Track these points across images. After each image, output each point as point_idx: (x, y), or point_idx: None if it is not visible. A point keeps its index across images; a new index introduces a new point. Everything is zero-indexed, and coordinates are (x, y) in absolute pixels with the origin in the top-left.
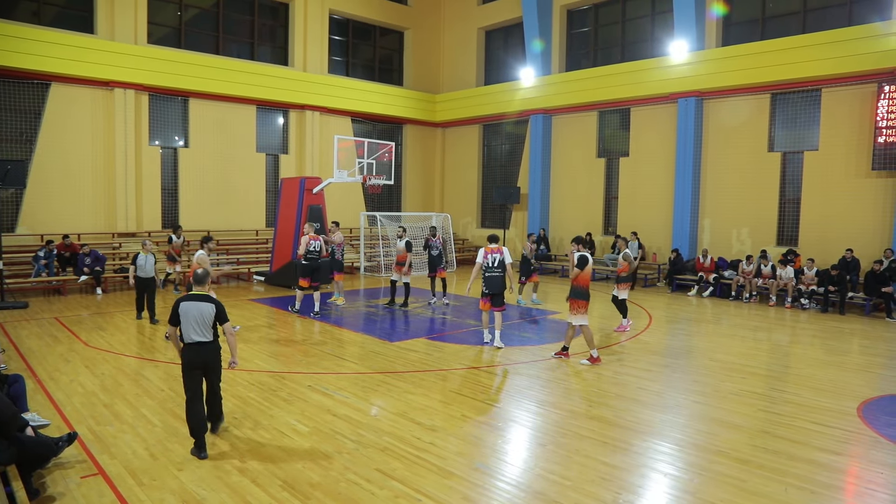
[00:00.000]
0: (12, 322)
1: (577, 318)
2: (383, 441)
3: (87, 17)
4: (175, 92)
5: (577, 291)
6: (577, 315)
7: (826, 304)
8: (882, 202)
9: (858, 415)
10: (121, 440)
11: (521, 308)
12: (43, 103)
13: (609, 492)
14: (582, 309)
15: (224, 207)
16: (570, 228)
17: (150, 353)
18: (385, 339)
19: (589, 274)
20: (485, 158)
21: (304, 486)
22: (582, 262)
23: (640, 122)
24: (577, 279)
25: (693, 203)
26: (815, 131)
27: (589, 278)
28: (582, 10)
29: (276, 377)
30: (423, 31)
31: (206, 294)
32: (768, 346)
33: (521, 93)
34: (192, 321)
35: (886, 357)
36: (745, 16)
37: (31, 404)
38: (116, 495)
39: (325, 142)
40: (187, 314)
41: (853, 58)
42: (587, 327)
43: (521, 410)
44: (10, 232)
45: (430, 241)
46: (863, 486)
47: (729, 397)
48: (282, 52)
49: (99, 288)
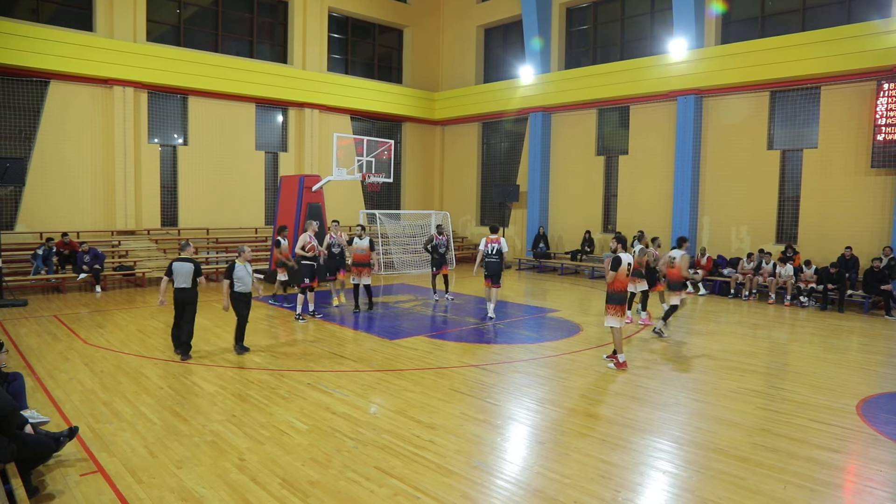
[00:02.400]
0: (11, 320)
1: (609, 320)
2: (382, 439)
3: (87, 15)
4: (174, 90)
5: (611, 296)
6: (609, 317)
7: (825, 302)
8: (881, 200)
9: (857, 412)
10: (120, 438)
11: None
12: (42, 101)
13: (608, 490)
14: (619, 312)
15: (223, 205)
16: (570, 226)
17: (150, 350)
18: (385, 337)
19: (624, 274)
20: (484, 156)
21: (303, 484)
22: (615, 263)
23: (640, 120)
24: (612, 283)
25: (692, 201)
26: (815, 129)
27: (626, 280)
28: (581, 8)
29: (275, 375)
30: (422, 29)
31: (190, 258)
32: (767, 343)
33: (520, 91)
34: (180, 275)
35: (885, 355)
36: (744, 13)
37: (31, 402)
38: (115, 493)
39: (324, 140)
40: (178, 270)
41: (852, 55)
42: (618, 330)
43: (521, 408)
44: (10, 230)
45: (436, 238)
46: (862, 483)
47: (728, 395)
48: (281, 50)
49: (98, 286)
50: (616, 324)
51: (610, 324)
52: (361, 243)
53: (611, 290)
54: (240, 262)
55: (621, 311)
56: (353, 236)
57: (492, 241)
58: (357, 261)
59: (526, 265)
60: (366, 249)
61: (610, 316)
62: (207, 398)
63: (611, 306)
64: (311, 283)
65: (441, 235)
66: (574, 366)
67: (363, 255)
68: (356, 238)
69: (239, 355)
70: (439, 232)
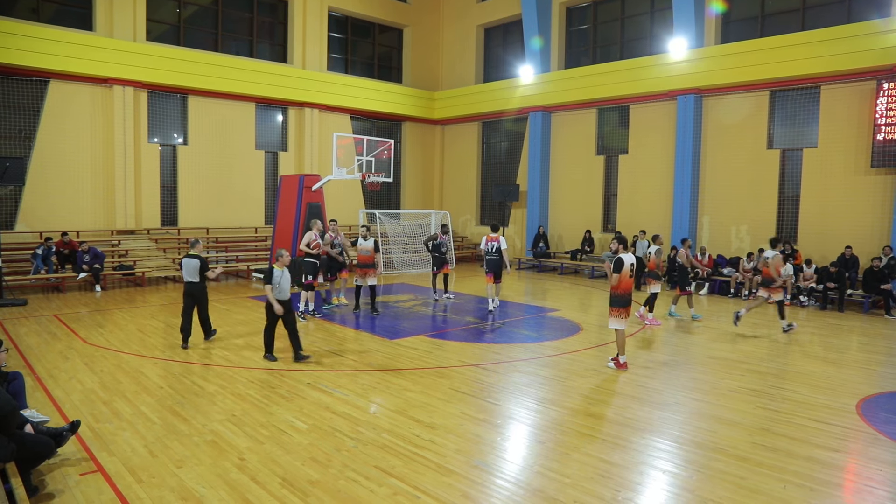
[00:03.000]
0: (11, 319)
1: (612, 322)
2: (382, 438)
3: (86, 14)
4: (174, 89)
5: (615, 299)
6: (613, 319)
7: (825, 302)
8: (881, 199)
9: (857, 412)
10: (120, 437)
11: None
12: (42, 100)
13: (608, 489)
14: (623, 314)
15: (223, 205)
16: (570, 226)
17: (149, 350)
18: (385, 336)
19: (626, 276)
20: (484, 156)
21: (303, 484)
22: (617, 265)
23: (640, 120)
24: (616, 286)
25: (692, 200)
26: (815, 128)
27: (630, 282)
28: (581, 8)
29: (275, 374)
30: (422, 29)
31: (197, 254)
32: (767, 343)
33: (520, 90)
34: (188, 270)
35: (885, 354)
36: (744, 13)
37: (31, 401)
38: (115, 492)
39: (324, 139)
40: (186, 265)
41: (852, 55)
42: (622, 332)
43: (520, 408)
44: (9, 229)
45: (440, 237)
46: (861, 482)
47: (728, 394)
48: (281, 50)
49: (98, 285)
50: (620, 325)
51: (614, 325)
52: (366, 244)
53: (614, 293)
54: (278, 268)
55: (625, 314)
56: (358, 237)
57: (492, 239)
58: (362, 262)
59: (526, 265)
60: (370, 251)
61: (614, 318)
62: (207, 397)
63: (615, 309)
64: (313, 282)
65: (445, 235)
66: (574, 365)
67: (368, 257)
68: (360, 239)
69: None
70: (444, 231)
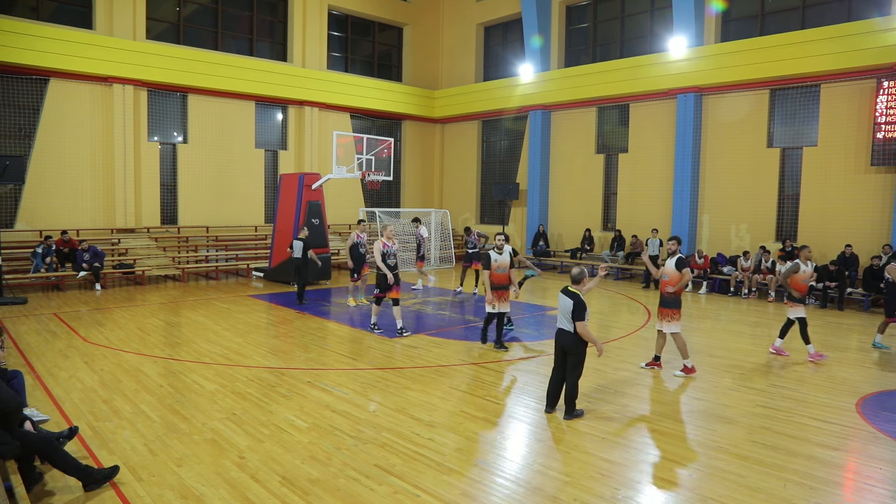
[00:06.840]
0: (11, 318)
1: (673, 325)
2: (382, 437)
3: (86, 13)
4: (174, 88)
5: (674, 300)
6: (677, 323)
7: (825, 300)
8: (881, 198)
9: (857, 410)
10: (120, 436)
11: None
12: (41, 99)
13: (608, 488)
14: (676, 317)
15: (223, 203)
16: (569, 225)
17: (149, 348)
18: (385, 335)
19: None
20: (484, 154)
21: (303, 482)
22: (679, 264)
23: (639, 118)
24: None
25: (692, 199)
26: (814, 127)
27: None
28: (581, 6)
29: (275, 373)
30: (422, 27)
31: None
32: (767, 341)
33: (519, 89)
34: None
35: (885, 352)
36: (743, 12)
37: (30, 400)
38: (115, 491)
39: (323, 138)
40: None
41: (852, 53)
42: (679, 335)
43: (520, 407)
44: (9, 228)
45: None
46: (861, 481)
47: (728, 393)
48: (281, 48)
49: (98, 284)
50: (675, 329)
51: (673, 329)
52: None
53: (673, 294)
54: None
55: (678, 315)
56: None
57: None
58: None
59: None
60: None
61: (677, 322)
62: (207, 396)
63: (676, 311)
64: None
65: (470, 235)
66: None
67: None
68: (493, 252)
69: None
70: (467, 233)
